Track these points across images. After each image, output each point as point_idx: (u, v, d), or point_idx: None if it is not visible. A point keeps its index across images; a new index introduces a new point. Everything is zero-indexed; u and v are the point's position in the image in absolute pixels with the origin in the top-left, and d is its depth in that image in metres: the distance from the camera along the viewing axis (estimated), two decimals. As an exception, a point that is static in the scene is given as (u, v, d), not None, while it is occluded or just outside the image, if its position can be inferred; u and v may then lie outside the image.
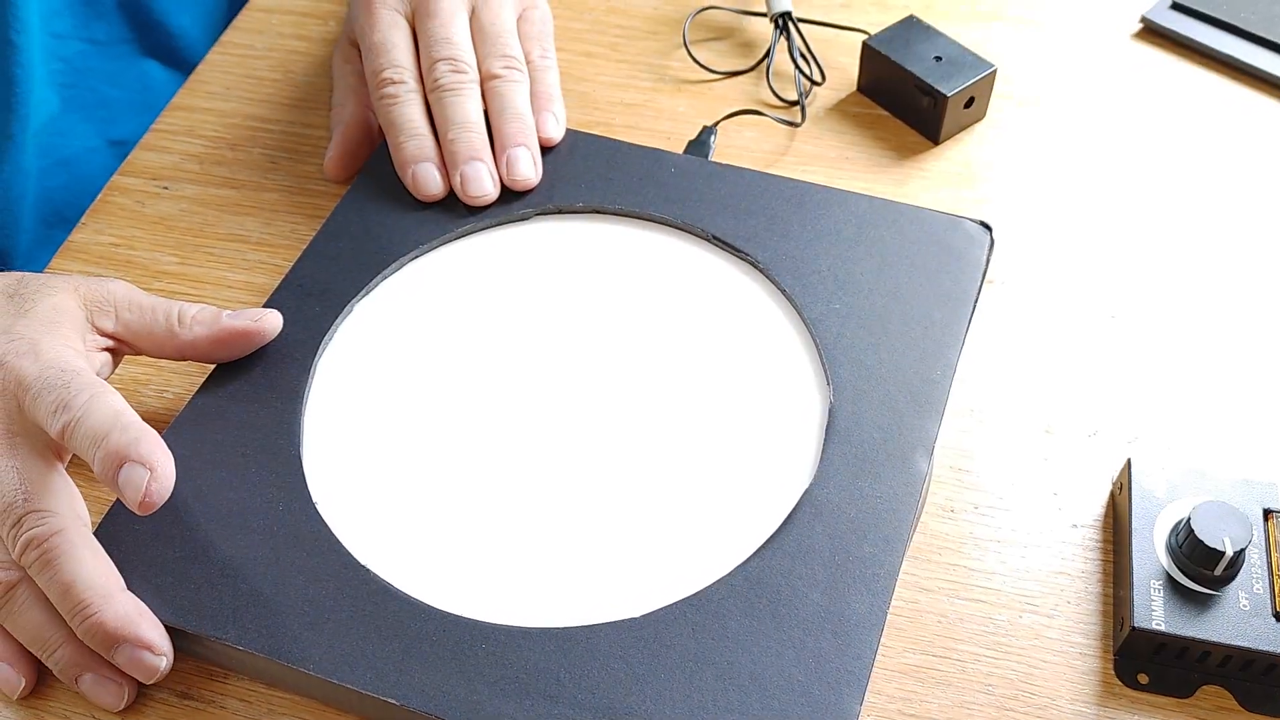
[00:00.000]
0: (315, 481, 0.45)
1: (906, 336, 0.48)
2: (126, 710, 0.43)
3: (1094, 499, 0.47)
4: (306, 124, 0.62)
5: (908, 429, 0.45)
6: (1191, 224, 0.56)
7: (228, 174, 0.60)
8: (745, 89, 0.62)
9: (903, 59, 0.59)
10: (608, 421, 0.47)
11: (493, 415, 0.47)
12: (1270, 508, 0.44)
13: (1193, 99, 0.61)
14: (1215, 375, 0.51)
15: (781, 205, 0.53)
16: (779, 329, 0.50)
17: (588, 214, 0.54)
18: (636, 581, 0.43)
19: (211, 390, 0.48)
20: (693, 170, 0.55)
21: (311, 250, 0.52)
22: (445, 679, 0.40)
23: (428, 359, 0.49)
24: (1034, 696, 0.43)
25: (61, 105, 0.63)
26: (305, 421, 0.47)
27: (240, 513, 0.44)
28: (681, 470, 0.46)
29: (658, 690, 0.40)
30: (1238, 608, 0.42)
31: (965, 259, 0.50)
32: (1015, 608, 0.45)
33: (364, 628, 0.41)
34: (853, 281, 0.50)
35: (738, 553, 0.43)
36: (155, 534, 0.44)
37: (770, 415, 0.47)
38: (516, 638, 0.41)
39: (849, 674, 0.40)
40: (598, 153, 0.56)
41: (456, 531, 0.44)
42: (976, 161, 0.59)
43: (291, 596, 0.42)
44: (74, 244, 0.57)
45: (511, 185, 0.54)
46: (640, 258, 0.52)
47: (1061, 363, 0.51)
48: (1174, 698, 0.42)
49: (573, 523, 0.44)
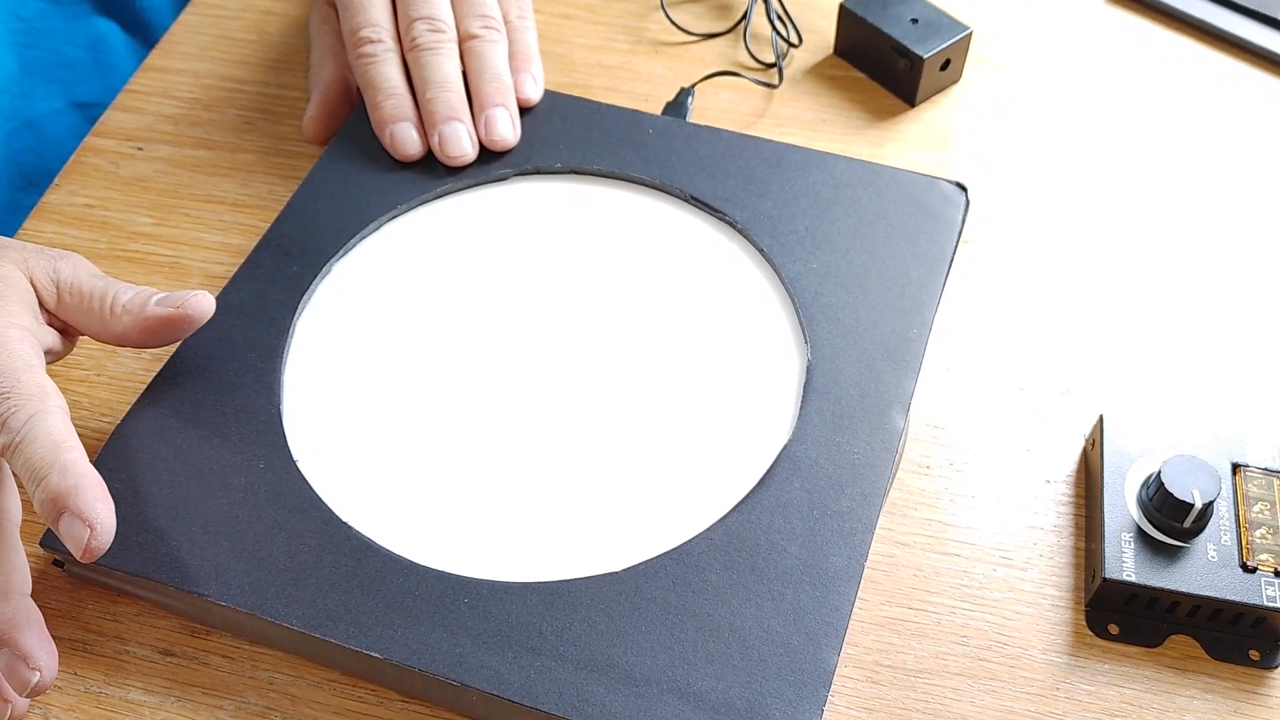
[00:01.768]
0: (295, 439, 0.46)
1: (883, 295, 0.48)
2: (108, 667, 0.43)
3: (1067, 455, 0.48)
4: (282, 85, 0.61)
5: (885, 386, 0.46)
6: (1162, 186, 0.57)
7: (203, 135, 0.59)
8: (722, 51, 0.62)
9: (879, 21, 0.59)
10: (588, 380, 0.47)
11: (473, 374, 0.48)
12: (1238, 462, 0.45)
13: (1165, 63, 0.62)
14: (1186, 334, 0.52)
15: (759, 166, 0.53)
16: (757, 288, 0.50)
17: (566, 175, 0.54)
18: (617, 536, 0.43)
19: (190, 349, 0.48)
20: (671, 131, 0.55)
21: (290, 210, 0.52)
22: (427, 633, 0.40)
23: (407, 318, 0.49)
24: (1008, 647, 0.43)
25: (22, 66, 0.62)
26: (285, 380, 0.47)
27: (221, 470, 0.44)
28: (661, 427, 0.46)
29: (638, 642, 0.40)
30: (1206, 559, 0.43)
31: (941, 219, 0.51)
32: (990, 561, 0.45)
33: (346, 583, 0.42)
34: (830, 241, 0.50)
35: (717, 508, 0.44)
36: (135, 491, 0.44)
37: (749, 373, 0.47)
38: (498, 592, 0.41)
39: (827, 625, 0.40)
40: (576, 114, 0.56)
41: (437, 488, 0.45)
42: (952, 123, 0.59)
43: (273, 553, 0.42)
44: (48, 205, 0.57)
45: (490, 145, 0.54)
46: (619, 218, 0.52)
47: (1034, 322, 0.52)
48: (1143, 647, 0.43)
49: (553, 479, 0.45)
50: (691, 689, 0.39)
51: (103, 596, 0.45)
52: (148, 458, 0.45)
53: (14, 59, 0.62)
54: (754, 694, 0.39)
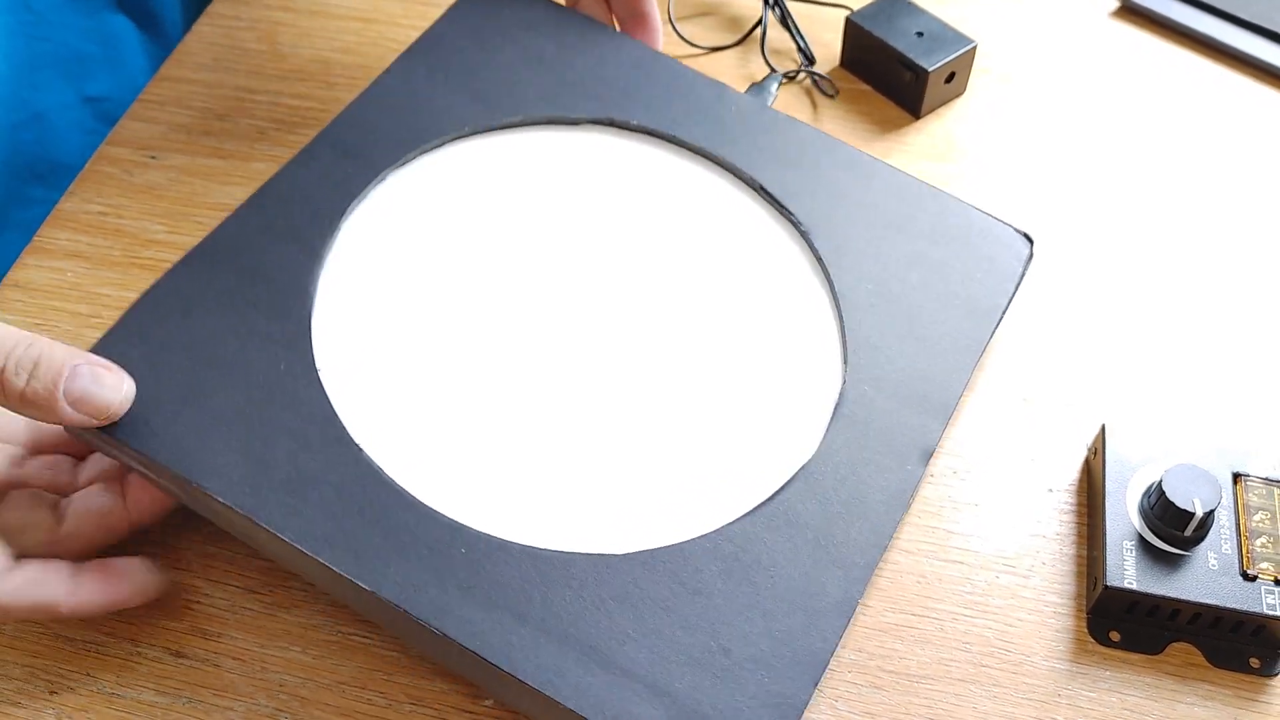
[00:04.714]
0: (321, 347, 0.44)
1: (930, 334, 0.47)
2: (121, 668, 0.43)
3: (1069, 464, 0.49)
4: (294, 94, 0.62)
5: (913, 429, 0.45)
6: (1165, 198, 0.57)
7: (215, 144, 0.60)
8: (731, 64, 0.63)
9: (885, 34, 0.59)
10: (624, 356, 0.46)
11: (510, 324, 0.46)
12: (1239, 471, 0.45)
13: (1168, 77, 0.62)
14: (1187, 345, 0.52)
15: (831, 168, 0.52)
16: (806, 294, 0.49)
17: (640, 134, 0.53)
18: (623, 519, 0.43)
19: (230, 230, 0.46)
20: (753, 113, 0.53)
21: (353, 110, 0.50)
22: (419, 574, 0.40)
23: (455, 248, 0.48)
24: (1009, 654, 0.44)
25: (31, 58, 0.63)
26: (320, 282, 0.46)
27: (241, 364, 0.43)
28: (687, 418, 0.45)
29: (624, 631, 0.40)
30: (1207, 567, 0.43)
31: (1001, 268, 0.50)
32: (993, 569, 0.46)
33: (347, 507, 0.41)
34: (887, 263, 0.49)
35: (726, 512, 0.43)
36: (150, 366, 0.42)
37: (782, 381, 0.46)
38: (495, 549, 0.41)
39: (811, 655, 0.40)
40: (663, 74, 0.54)
41: (454, 429, 0.44)
42: (957, 136, 0.60)
43: (280, 459, 0.41)
44: (62, 212, 0.58)
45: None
46: (682, 192, 0.51)
47: (1039, 333, 0.53)
48: (1145, 654, 0.44)
49: (571, 447, 0.44)
50: (667, 688, 0.39)
51: (115, 598, 0.45)
52: (167, 335, 0.43)
53: (23, 50, 0.62)
54: (725, 707, 0.39)
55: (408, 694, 0.43)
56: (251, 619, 0.45)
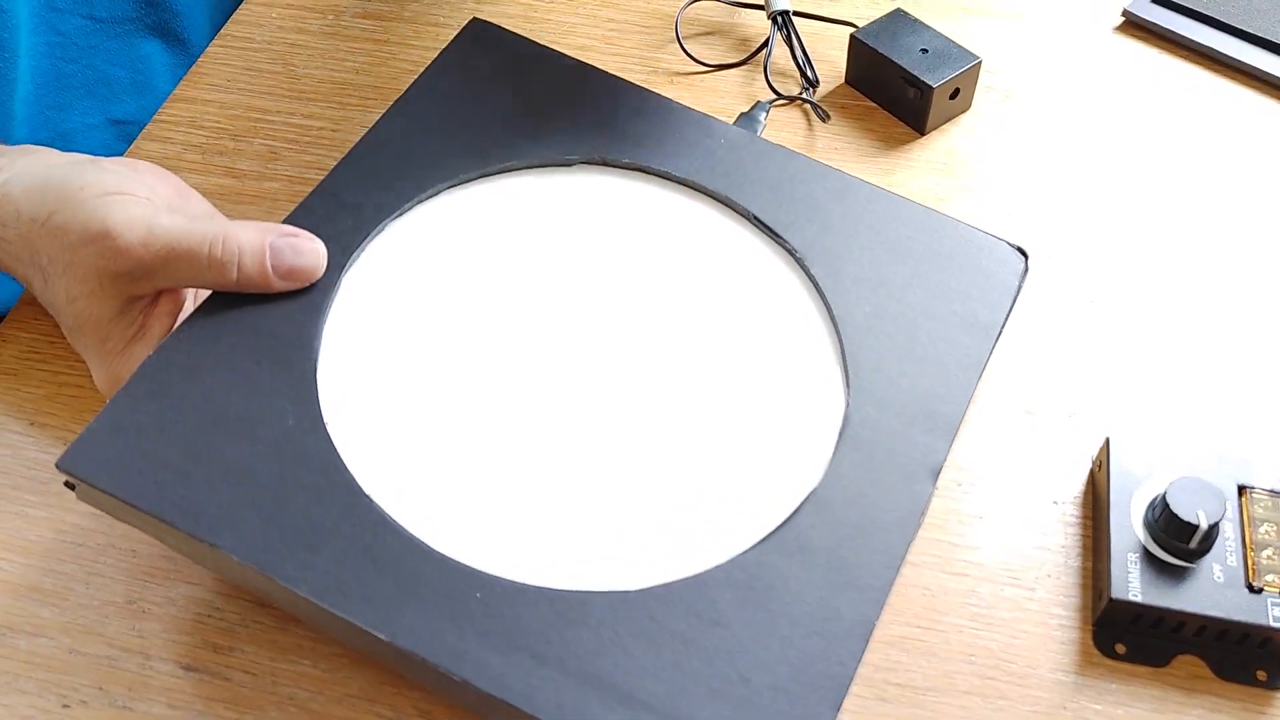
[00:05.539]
0: (328, 400, 0.45)
1: (930, 353, 0.48)
2: (133, 682, 0.44)
3: (1074, 477, 0.49)
4: (307, 115, 0.63)
5: (919, 448, 0.45)
6: (1169, 213, 0.58)
7: (229, 164, 0.61)
8: (737, 82, 0.64)
9: (890, 51, 0.60)
10: (627, 392, 0.47)
11: (513, 366, 0.47)
12: (1244, 483, 0.45)
13: (1173, 91, 0.63)
14: (1191, 357, 0.52)
15: (825, 195, 0.52)
16: (805, 322, 0.49)
17: (633, 171, 0.53)
18: (636, 555, 0.43)
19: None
20: (742, 144, 0.54)
21: (349, 161, 0.51)
22: (435, 622, 0.40)
23: (456, 294, 0.48)
24: (1015, 666, 0.44)
25: (58, 80, 0.64)
26: (324, 336, 0.46)
27: (248, 420, 0.43)
28: (693, 450, 0.46)
29: (642, 665, 0.40)
30: (1212, 580, 0.43)
31: (998, 284, 0.50)
32: (997, 581, 0.46)
33: (361, 558, 0.41)
34: (885, 286, 0.49)
35: (738, 541, 0.43)
36: (159, 427, 0.43)
37: (786, 408, 0.47)
38: (512, 593, 0.41)
39: (831, 679, 0.40)
40: (652, 110, 0.55)
41: (463, 475, 0.44)
42: (961, 151, 0.60)
43: (291, 514, 0.42)
44: (78, 232, 0.58)
45: None
46: (677, 226, 0.52)
47: (1042, 346, 0.53)
48: (1150, 666, 0.44)
49: (580, 486, 0.44)
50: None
51: (128, 613, 0.46)
52: (175, 394, 0.44)
53: (50, 72, 0.63)
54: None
55: (417, 708, 0.43)
56: (262, 633, 0.45)
